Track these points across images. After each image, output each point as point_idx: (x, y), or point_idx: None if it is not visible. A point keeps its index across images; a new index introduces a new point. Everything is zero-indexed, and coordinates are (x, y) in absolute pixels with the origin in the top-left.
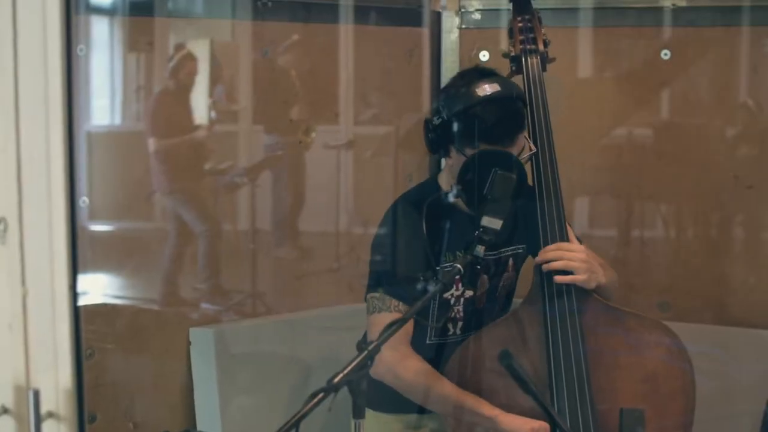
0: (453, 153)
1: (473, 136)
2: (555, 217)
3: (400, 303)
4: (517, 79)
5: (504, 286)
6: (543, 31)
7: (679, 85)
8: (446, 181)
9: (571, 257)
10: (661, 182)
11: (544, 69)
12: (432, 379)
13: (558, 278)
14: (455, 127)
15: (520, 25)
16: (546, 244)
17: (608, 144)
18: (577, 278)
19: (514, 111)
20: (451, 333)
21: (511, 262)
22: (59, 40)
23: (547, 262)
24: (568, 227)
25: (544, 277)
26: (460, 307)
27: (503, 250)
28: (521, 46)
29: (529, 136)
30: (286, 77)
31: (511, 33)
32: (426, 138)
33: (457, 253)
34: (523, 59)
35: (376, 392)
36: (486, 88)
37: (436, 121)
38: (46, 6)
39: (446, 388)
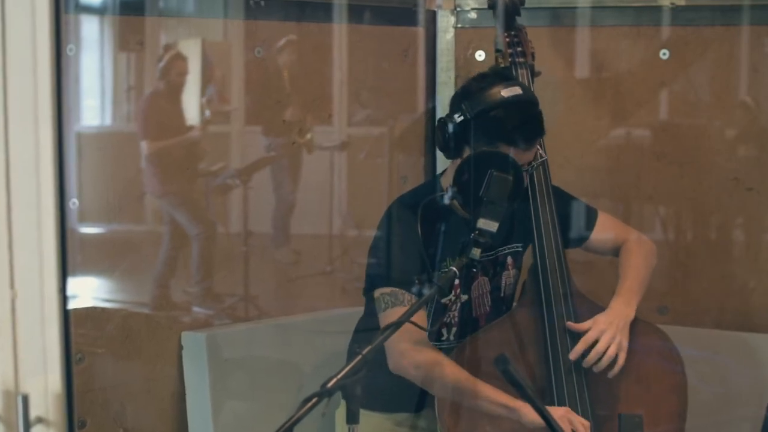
0: (466, 153)
1: (494, 136)
2: (550, 226)
3: (413, 296)
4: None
5: (508, 285)
6: (531, 44)
7: (678, 85)
8: (448, 181)
9: (603, 348)
10: (660, 184)
11: (532, 81)
12: (452, 371)
13: (612, 374)
14: (476, 126)
15: (507, 40)
16: (543, 254)
17: (606, 145)
18: (622, 361)
19: (536, 115)
20: (444, 338)
21: (509, 260)
22: (49, 40)
23: (593, 362)
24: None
25: (541, 280)
26: (455, 313)
27: (499, 249)
28: (510, 59)
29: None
30: (279, 77)
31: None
32: (441, 137)
33: (457, 258)
34: (514, 71)
35: (367, 391)
36: (512, 90)
37: (457, 119)
38: (36, 5)
39: (467, 379)
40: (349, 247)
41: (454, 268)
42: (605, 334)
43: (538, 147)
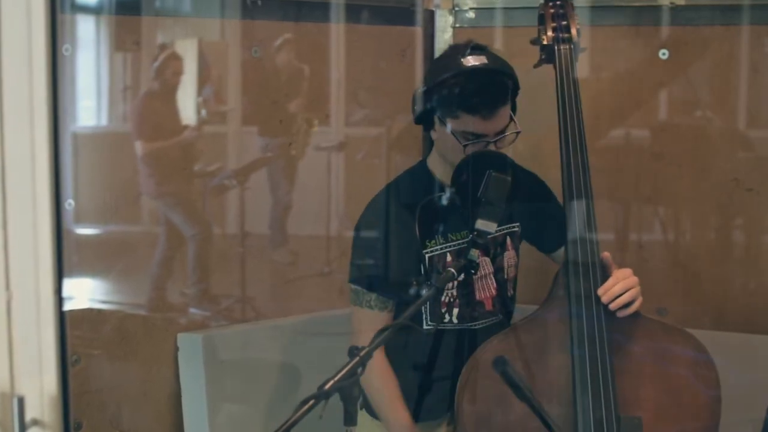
0: (437, 124)
1: (454, 105)
2: (585, 218)
3: (373, 297)
4: (548, 69)
5: (509, 267)
6: (576, 19)
7: (677, 85)
8: (435, 161)
9: (631, 284)
10: (659, 184)
11: (576, 58)
12: (383, 381)
13: (622, 313)
14: (438, 96)
15: (552, 11)
16: (576, 251)
17: (605, 145)
18: (638, 304)
19: (497, 83)
20: (447, 320)
21: (508, 240)
22: (44, 40)
23: (614, 297)
24: None
25: (571, 281)
26: (454, 292)
27: (498, 229)
28: (553, 34)
29: (560, 131)
30: (276, 77)
31: (541, 20)
32: (412, 109)
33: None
34: (555, 48)
35: None
36: (471, 60)
37: (422, 89)
38: (31, 5)
39: (389, 394)
40: (347, 248)
41: (453, 270)
42: (632, 276)
43: (513, 120)
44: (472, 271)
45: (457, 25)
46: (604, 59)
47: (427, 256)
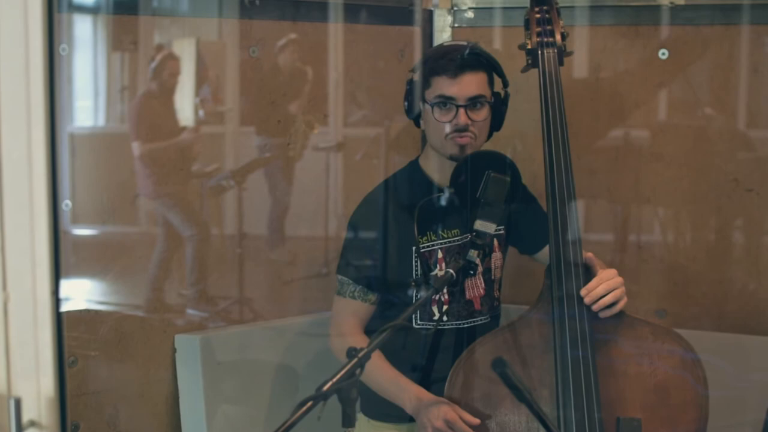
0: (422, 107)
1: (427, 75)
2: (569, 223)
3: (357, 288)
4: (533, 73)
5: (497, 268)
6: (561, 23)
7: (677, 85)
8: (427, 159)
9: (615, 285)
10: (658, 185)
11: (560, 63)
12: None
13: (605, 313)
14: (418, 75)
15: (537, 16)
16: (558, 252)
17: (604, 146)
18: (622, 305)
19: (465, 50)
20: (436, 317)
21: (495, 242)
22: (41, 39)
23: (597, 298)
24: None
25: (554, 282)
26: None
27: None
28: (538, 39)
29: (543, 134)
30: (274, 77)
31: (527, 25)
32: (404, 106)
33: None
34: (540, 52)
35: (373, 400)
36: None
37: (409, 80)
38: (28, 4)
39: (381, 364)
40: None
41: (452, 271)
42: (617, 276)
43: (502, 90)
44: (471, 272)
45: (456, 25)
46: (604, 59)
47: (418, 251)
